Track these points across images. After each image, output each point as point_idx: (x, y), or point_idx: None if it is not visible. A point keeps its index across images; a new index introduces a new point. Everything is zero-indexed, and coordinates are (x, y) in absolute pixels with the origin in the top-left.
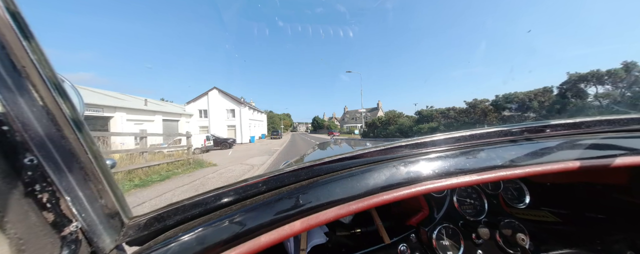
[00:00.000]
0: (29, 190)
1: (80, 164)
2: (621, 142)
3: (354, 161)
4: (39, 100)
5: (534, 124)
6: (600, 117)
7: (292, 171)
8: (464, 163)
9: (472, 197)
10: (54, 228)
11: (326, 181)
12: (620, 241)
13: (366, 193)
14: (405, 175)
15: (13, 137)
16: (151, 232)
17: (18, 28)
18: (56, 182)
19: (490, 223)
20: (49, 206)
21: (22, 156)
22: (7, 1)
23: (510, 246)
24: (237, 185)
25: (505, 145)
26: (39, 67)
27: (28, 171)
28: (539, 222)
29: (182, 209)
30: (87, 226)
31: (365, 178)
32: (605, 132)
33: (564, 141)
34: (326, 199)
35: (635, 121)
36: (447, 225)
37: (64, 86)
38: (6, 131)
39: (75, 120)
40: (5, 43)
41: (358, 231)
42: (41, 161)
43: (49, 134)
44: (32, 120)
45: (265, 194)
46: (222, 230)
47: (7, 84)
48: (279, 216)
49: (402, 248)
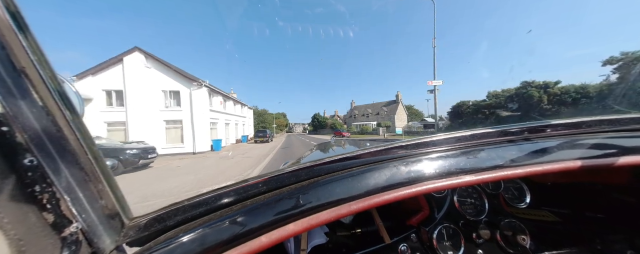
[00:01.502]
0: (29, 191)
1: (80, 165)
2: (621, 142)
3: (354, 161)
4: (39, 100)
5: (534, 124)
6: (600, 117)
7: (292, 171)
8: (465, 163)
9: (473, 197)
10: (54, 228)
11: (326, 181)
12: (621, 240)
13: (366, 192)
14: (405, 175)
15: (13, 138)
16: (151, 233)
17: (18, 28)
18: (56, 183)
19: (491, 223)
20: (49, 206)
21: (22, 157)
22: (7, 1)
23: (511, 245)
24: (237, 185)
25: (505, 145)
26: (39, 67)
27: (28, 171)
28: (539, 222)
29: (183, 210)
30: (88, 227)
31: (365, 178)
32: (606, 132)
33: (564, 141)
34: (326, 199)
35: (635, 120)
36: (447, 225)
37: (64, 87)
38: (6, 131)
39: (75, 121)
40: (5, 43)
41: (358, 231)
42: (41, 161)
43: (49, 134)
44: (32, 120)
45: (266, 195)
46: (222, 230)
47: (7, 84)
48: (280, 216)
49: (403, 248)
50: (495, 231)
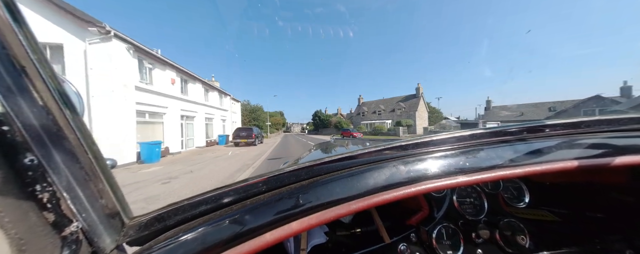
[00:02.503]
0: (30, 190)
1: (81, 164)
2: (620, 142)
3: (354, 160)
4: (39, 99)
5: (534, 124)
6: (599, 117)
7: (292, 171)
8: (464, 163)
9: (472, 196)
10: (55, 228)
11: (326, 181)
12: (620, 240)
13: (366, 192)
14: (405, 175)
15: (13, 137)
16: (152, 232)
17: (18, 28)
18: (56, 183)
19: (490, 223)
20: (50, 206)
21: (23, 156)
22: (7, 1)
23: (510, 245)
24: (237, 185)
25: (504, 144)
26: (39, 67)
27: (28, 171)
28: (538, 221)
29: (183, 209)
30: (88, 226)
31: (365, 178)
32: (605, 132)
33: (563, 141)
34: (326, 199)
35: (634, 120)
36: (447, 224)
37: (64, 86)
38: (6, 131)
39: (75, 120)
40: (5, 43)
41: (358, 230)
42: (41, 161)
43: (49, 134)
44: (32, 120)
45: (266, 194)
46: (222, 230)
47: (7, 84)
48: (279, 216)
49: (402, 248)
50: (494, 231)
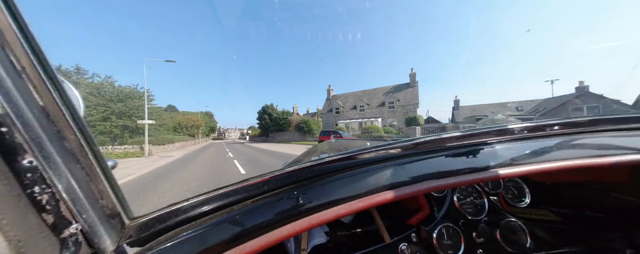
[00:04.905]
0: (28, 192)
1: (81, 165)
2: (621, 141)
3: (354, 160)
4: (39, 100)
5: (534, 123)
6: (599, 116)
7: (292, 171)
8: (464, 162)
9: (473, 196)
10: (54, 229)
11: (327, 181)
12: (620, 239)
13: (367, 192)
14: (405, 174)
15: (12, 138)
16: (152, 233)
17: (18, 28)
18: (56, 184)
19: (491, 222)
20: (49, 207)
21: (22, 158)
22: (7, 1)
23: (511, 245)
24: (238, 185)
25: (505, 144)
26: (39, 67)
27: (27, 172)
28: (539, 221)
29: (183, 210)
30: (88, 228)
31: (365, 178)
32: (605, 131)
33: (563, 140)
34: (327, 199)
35: (634, 119)
36: (447, 224)
37: (64, 87)
38: (5, 132)
39: (75, 121)
40: (5, 43)
41: (359, 230)
42: (41, 162)
43: (49, 135)
44: (32, 121)
45: (266, 194)
46: (223, 230)
47: (7, 84)
48: (280, 216)
49: (403, 247)
50: (495, 231)
